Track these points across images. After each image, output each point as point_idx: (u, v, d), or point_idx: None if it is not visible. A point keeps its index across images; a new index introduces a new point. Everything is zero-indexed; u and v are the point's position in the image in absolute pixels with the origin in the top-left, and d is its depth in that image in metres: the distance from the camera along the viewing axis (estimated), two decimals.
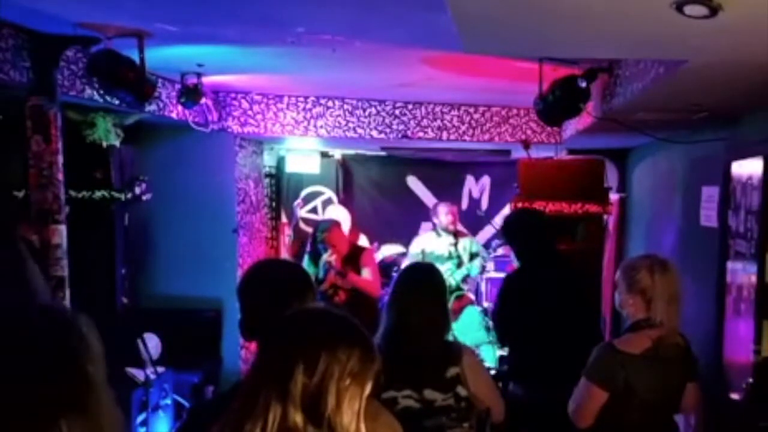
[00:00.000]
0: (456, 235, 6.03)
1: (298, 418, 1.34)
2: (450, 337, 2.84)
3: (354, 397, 1.37)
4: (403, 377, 2.47)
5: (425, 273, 2.76)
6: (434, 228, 6.11)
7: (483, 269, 6.06)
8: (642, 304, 2.64)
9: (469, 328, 6.02)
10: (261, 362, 1.45)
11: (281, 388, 1.35)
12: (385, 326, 2.58)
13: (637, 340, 2.63)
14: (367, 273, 5.07)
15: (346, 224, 5.89)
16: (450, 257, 5.97)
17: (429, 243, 6.04)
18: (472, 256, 6.03)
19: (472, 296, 6.30)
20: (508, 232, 3.85)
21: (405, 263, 6.11)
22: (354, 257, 5.12)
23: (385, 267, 6.11)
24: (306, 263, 5.19)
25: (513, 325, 3.56)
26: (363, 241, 6.34)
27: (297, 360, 1.36)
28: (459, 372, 2.50)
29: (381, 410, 1.74)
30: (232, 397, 1.46)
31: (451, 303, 5.93)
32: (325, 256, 5.05)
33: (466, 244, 6.07)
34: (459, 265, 5.98)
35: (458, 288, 6.04)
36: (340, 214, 6.08)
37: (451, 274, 5.90)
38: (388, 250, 6.26)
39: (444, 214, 5.96)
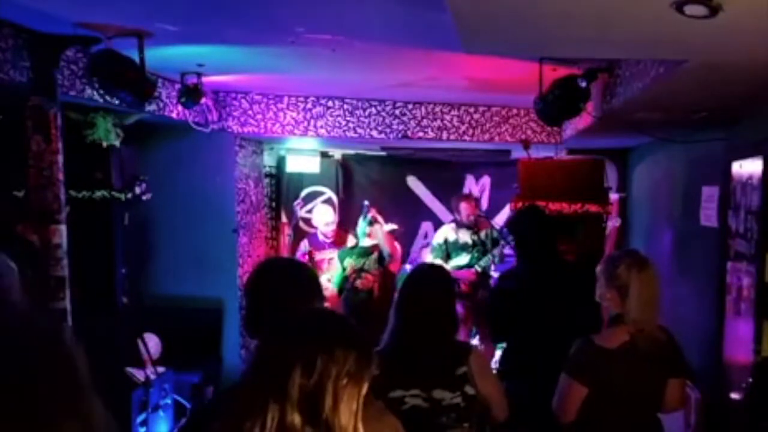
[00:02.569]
0: (476, 225, 6.05)
1: (295, 418, 1.34)
2: None
3: (351, 397, 1.38)
4: (411, 377, 2.48)
5: (432, 273, 2.76)
6: (455, 221, 6.13)
7: (502, 255, 6.09)
8: (618, 299, 2.65)
9: None
10: (259, 362, 1.45)
11: (279, 388, 1.35)
12: (392, 326, 2.59)
13: (614, 334, 2.63)
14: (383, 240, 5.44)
15: (332, 222, 5.93)
16: (474, 245, 6.00)
17: (451, 233, 6.06)
18: (494, 243, 6.05)
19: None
20: (512, 229, 3.87)
21: (429, 255, 6.15)
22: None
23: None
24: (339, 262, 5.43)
25: (509, 322, 3.56)
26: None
27: (295, 360, 1.36)
28: (467, 371, 2.50)
29: (385, 412, 1.74)
30: (232, 397, 1.46)
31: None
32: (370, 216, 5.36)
33: (488, 232, 6.10)
34: (484, 252, 6.00)
35: (487, 275, 6.07)
36: (327, 213, 6.09)
37: (476, 262, 5.93)
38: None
39: (464, 210, 6.00)
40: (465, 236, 6.02)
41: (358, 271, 5.34)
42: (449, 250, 6.01)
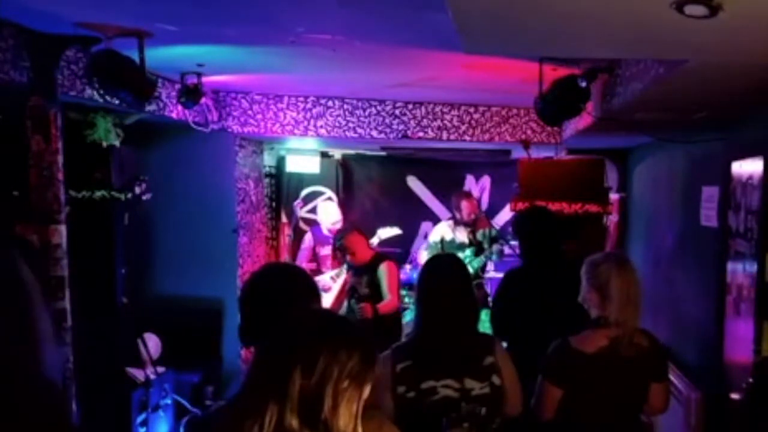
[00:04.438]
0: (475, 223, 6.06)
1: (294, 420, 1.34)
2: None
3: (351, 399, 1.37)
4: (442, 367, 2.48)
5: (450, 263, 2.76)
6: (454, 218, 6.15)
7: (501, 253, 6.09)
8: (599, 300, 2.64)
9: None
10: (261, 362, 1.45)
11: (279, 389, 1.35)
12: (418, 320, 2.60)
13: (593, 338, 2.62)
14: (385, 286, 4.84)
15: (338, 221, 5.92)
16: (470, 245, 6.02)
17: (448, 231, 6.08)
18: (493, 241, 6.05)
19: (489, 289, 6.32)
20: (519, 228, 3.88)
21: (423, 253, 6.15)
22: (373, 266, 4.92)
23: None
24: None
25: (510, 321, 3.56)
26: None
27: (296, 361, 1.36)
28: (494, 361, 2.52)
29: (384, 422, 1.73)
30: (234, 398, 1.45)
31: None
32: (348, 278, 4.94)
33: (485, 232, 6.10)
34: (478, 252, 6.01)
35: (477, 276, 6.07)
36: (331, 210, 6.08)
37: (469, 262, 5.94)
38: (385, 233, 6.22)
39: (465, 208, 6.00)
40: (462, 235, 6.06)
41: (352, 290, 5.06)
42: (445, 249, 6.03)
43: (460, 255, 5.97)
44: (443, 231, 6.16)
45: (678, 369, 4.23)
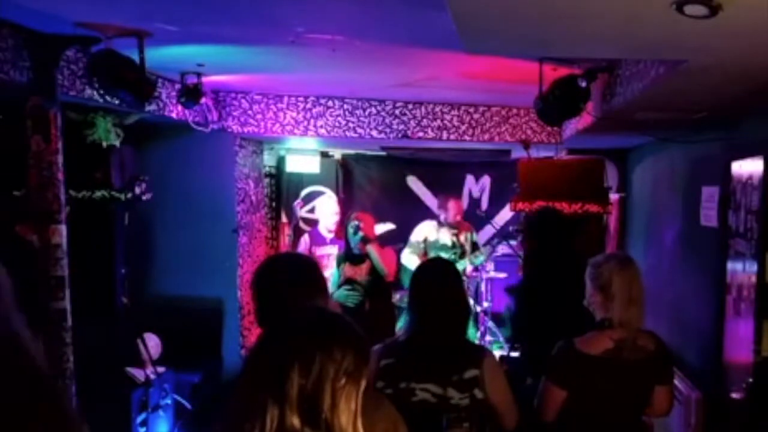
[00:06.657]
0: (458, 226, 6.05)
1: (295, 419, 1.34)
2: None
3: (350, 395, 1.38)
4: (424, 372, 2.48)
5: (444, 269, 2.74)
6: (438, 219, 6.13)
7: (488, 256, 6.09)
8: (603, 301, 2.63)
9: None
10: (257, 362, 1.45)
11: (277, 390, 1.35)
12: (409, 323, 2.60)
13: (598, 340, 2.61)
14: (376, 258, 5.14)
15: (336, 217, 5.92)
16: (453, 247, 6.00)
17: (431, 232, 6.06)
18: (474, 247, 6.04)
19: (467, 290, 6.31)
20: (531, 231, 3.86)
21: (406, 251, 6.13)
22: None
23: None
24: (335, 267, 5.25)
25: (537, 320, 3.55)
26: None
27: (292, 361, 1.36)
28: (478, 374, 2.48)
29: (382, 403, 1.74)
30: (231, 397, 1.45)
31: None
32: (358, 225, 5.07)
33: (468, 235, 6.10)
34: (461, 255, 6.00)
35: None
36: (330, 205, 6.08)
37: None
38: (379, 229, 6.20)
39: (452, 209, 6.00)
40: (445, 237, 6.02)
41: (352, 282, 5.17)
42: (428, 249, 5.99)
43: (443, 256, 5.97)
44: (427, 231, 6.09)
45: (678, 369, 4.23)
